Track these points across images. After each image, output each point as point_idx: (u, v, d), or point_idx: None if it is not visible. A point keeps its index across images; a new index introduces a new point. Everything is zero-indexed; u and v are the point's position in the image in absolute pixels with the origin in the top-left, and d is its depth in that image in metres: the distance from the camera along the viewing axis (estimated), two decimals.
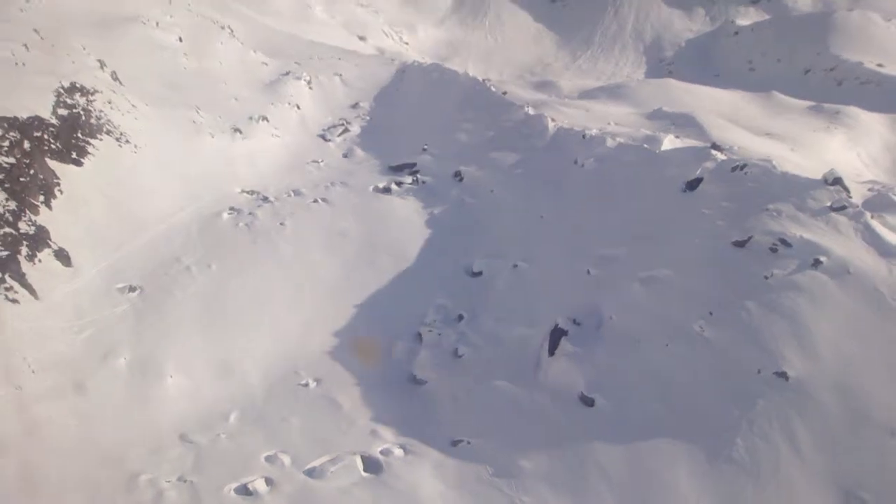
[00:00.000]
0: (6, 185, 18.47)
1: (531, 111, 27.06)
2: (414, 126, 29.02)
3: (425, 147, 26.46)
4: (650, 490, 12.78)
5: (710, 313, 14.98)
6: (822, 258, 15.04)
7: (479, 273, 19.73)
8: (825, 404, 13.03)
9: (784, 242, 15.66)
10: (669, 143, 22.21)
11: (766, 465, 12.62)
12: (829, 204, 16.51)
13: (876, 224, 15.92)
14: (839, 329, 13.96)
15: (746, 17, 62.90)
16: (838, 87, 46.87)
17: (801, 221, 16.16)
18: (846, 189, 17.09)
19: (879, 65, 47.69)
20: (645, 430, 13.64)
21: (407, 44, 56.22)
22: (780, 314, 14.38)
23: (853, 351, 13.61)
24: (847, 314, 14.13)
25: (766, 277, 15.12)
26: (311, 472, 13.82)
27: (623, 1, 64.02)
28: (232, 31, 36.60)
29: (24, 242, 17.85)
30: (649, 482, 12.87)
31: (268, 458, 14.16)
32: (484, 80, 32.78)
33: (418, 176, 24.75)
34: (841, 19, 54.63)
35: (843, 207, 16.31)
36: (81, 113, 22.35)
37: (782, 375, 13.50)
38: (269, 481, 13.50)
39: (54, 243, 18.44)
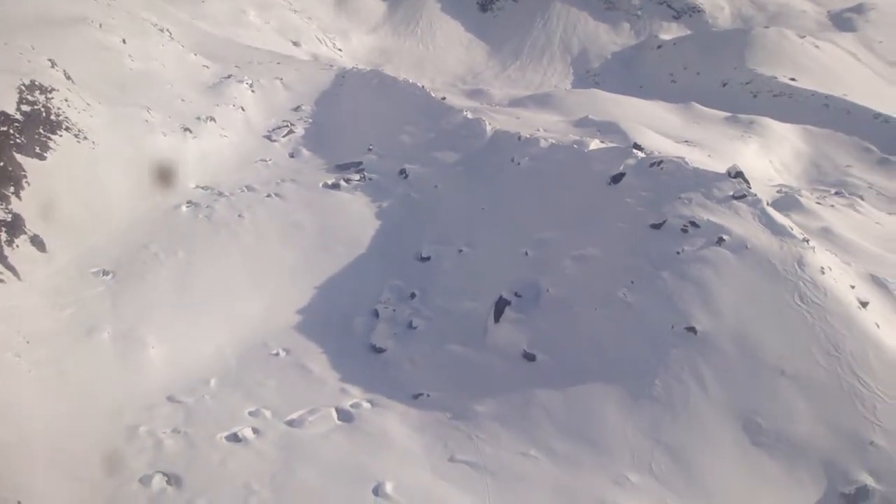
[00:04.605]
0: None
1: (470, 115, 30.30)
2: (356, 128, 31.76)
3: (370, 147, 29.29)
4: (585, 422, 16.07)
5: (632, 282, 18.50)
6: (725, 237, 18.74)
7: (428, 258, 22.73)
8: (726, 351, 16.67)
9: (693, 224, 19.30)
10: (595, 146, 25.75)
11: (679, 399, 16.09)
12: (731, 193, 20.24)
13: (770, 209, 19.75)
14: (738, 293, 17.66)
15: (669, 32, 68.21)
16: (753, 99, 51.97)
17: (707, 207, 19.85)
18: (746, 181, 20.90)
19: (792, 79, 53.07)
20: (579, 377, 17.01)
21: (340, 50, 59.06)
22: (690, 281, 18.02)
23: (749, 310, 17.32)
24: (744, 281, 17.86)
25: (678, 252, 18.74)
26: (291, 423, 16.53)
27: (551, 14, 68.63)
28: (171, 34, 38.79)
29: (3, 228, 20.01)
30: (584, 416, 16.18)
31: (251, 413, 16.81)
32: (422, 87, 35.91)
33: (365, 173, 27.50)
34: (758, 36, 60.03)
35: (743, 196, 20.08)
36: (42, 110, 24.44)
37: (691, 330, 17.07)
38: (255, 430, 16.14)
39: (29, 230, 20.60)
